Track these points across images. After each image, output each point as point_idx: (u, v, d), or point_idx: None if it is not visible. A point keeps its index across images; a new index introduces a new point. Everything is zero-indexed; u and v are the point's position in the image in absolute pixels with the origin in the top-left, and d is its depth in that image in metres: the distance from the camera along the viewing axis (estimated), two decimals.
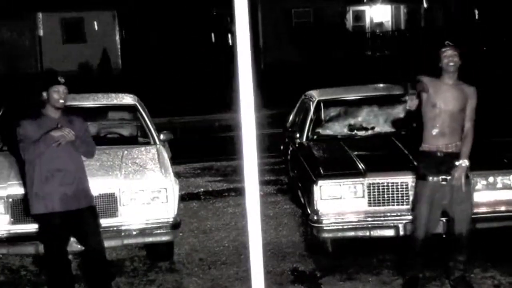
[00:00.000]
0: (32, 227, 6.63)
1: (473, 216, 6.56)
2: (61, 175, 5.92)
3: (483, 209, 6.81)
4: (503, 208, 6.84)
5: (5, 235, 6.68)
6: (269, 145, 11.57)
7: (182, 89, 24.04)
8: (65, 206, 5.93)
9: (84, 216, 6.04)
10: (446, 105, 5.95)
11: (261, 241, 3.66)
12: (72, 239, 6.25)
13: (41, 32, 28.93)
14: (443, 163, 5.99)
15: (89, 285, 6.37)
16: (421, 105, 6.04)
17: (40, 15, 28.67)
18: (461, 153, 6.00)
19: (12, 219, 6.69)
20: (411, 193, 6.64)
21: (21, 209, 6.68)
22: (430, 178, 6.01)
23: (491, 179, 6.84)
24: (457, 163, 5.98)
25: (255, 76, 3.64)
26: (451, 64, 5.94)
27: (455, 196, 6.01)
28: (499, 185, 6.85)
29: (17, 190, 6.70)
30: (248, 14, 3.51)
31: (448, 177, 5.97)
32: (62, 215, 5.93)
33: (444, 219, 6.44)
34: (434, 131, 6.01)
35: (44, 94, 5.95)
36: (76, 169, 6.01)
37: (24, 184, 6.30)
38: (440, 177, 5.99)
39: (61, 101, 5.93)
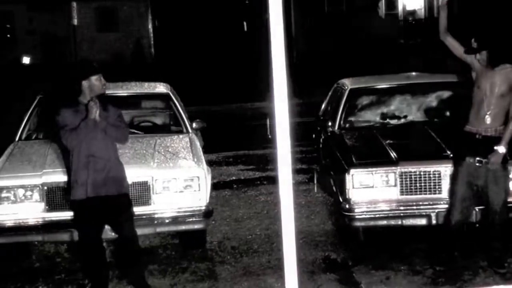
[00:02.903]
0: (66, 215, 6.66)
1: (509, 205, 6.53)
2: (94, 161, 5.94)
3: None
4: None
5: (40, 222, 6.74)
6: (301, 134, 11.55)
7: (215, 77, 24.06)
8: (97, 192, 5.95)
9: (117, 203, 6.08)
10: (489, 89, 6.10)
11: (294, 229, 3.65)
12: (106, 226, 6.29)
13: (75, 21, 29.13)
14: (481, 145, 6.13)
15: (121, 273, 6.41)
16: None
17: (74, 4, 28.90)
18: (502, 138, 6.08)
19: (47, 207, 6.75)
20: (443, 182, 6.63)
21: (56, 196, 6.76)
22: (467, 158, 6.16)
23: None
24: (495, 147, 6.06)
25: (287, 65, 3.63)
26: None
27: (490, 179, 6.14)
28: None
29: (52, 178, 6.78)
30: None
31: (484, 160, 6.09)
32: (95, 201, 5.96)
33: (478, 208, 6.42)
34: (476, 114, 6.16)
35: (84, 83, 5.93)
36: (108, 157, 6.02)
37: (65, 172, 6.46)
38: (476, 159, 6.11)
39: (101, 90, 5.98)
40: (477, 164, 6.13)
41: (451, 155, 6.61)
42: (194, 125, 8.37)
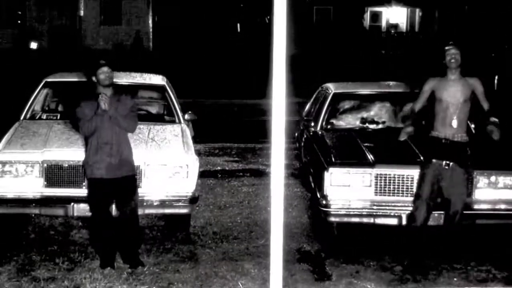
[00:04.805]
0: (63, 191, 6.76)
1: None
2: (108, 147, 6.15)
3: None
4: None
5: (38, 196, 6.75)
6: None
7: (207, 73, 23.99)
8: (111, 174, 6.16)
9: (125, 183, 6.24)
10: (452, 98, 6.24)
11: (282, 220, 3.65)
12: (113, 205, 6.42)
13: (81, 13, 29.04)
14: (448, 149, 6.22)
15: (119, 250, 6.41)
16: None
17: None
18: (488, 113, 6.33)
19: (45, 183, 6.77)
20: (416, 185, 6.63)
21: (54, 173, 6.77)
22: (434, 161, 6.24)
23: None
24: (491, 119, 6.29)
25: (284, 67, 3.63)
26: (453, 61, 6.25)
27: (455, 180, 6.22)
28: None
29: (52, 156, 6.80)
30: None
31: (451, 163, 6.19)
32: (108, 181, 6.17)
33: (437, 212, 6.46)
34: (443, 122, 6.26)
35: (93, 78, 6.20)
36: (120, 143, 6.21)
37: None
38: (444, 162, 6.21)
39: (107, 80, 6.18)
40: (445, 166, 6.20)
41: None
42: (186, 116, 8.40)
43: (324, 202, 6.81)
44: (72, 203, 6.68)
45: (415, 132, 6.45)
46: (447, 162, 6.21)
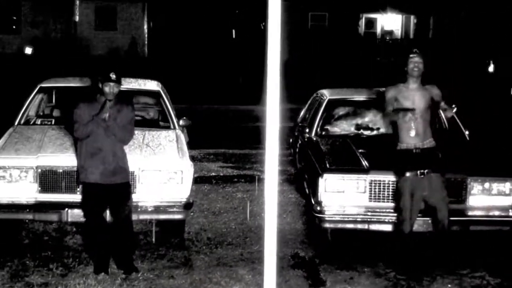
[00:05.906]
0: (57, 197, 6.76)
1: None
2: (103, 154, 6.15)
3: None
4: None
5: (32, 202, 6.75)
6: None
7: (202, 79, 24.02)
8: (105, 179, 6.16)
9: (119, 190, 6.24)
10: (415, 107, 6.16)
11: (276, 226, 3.66)
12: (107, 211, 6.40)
13: (76, 18, 29.09)
14: (420, 159, 6.19)
15: (113, 255, 6.39)
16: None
17: (77, 2, 28.93)
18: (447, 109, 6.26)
19: (39, 188, 6.76)
20: None
21: (48, 179, 6.76)
22: (408, 173, 6.19)
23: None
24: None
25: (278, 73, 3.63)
26: (416, 69, 6.23)
27: (433, 187, 6.19)
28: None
29: (46, 161, 6.80)
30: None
31: (426, 171, 6.15)
32: (102, 186, 6.17)
33: (424, 218, 6.46)
34: (410, 132, 6.20)
35: (99, 84, 6.16)
36: (115, 150, 6.21)
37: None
38: (419, 172, 6.17)
39: (111, 96, 6.15)
40: (420, 176, 6.17)
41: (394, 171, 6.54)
42: (181, 122, 8.42)
43: (318, 208, 6.81)
44: (66, 209, 6.67)
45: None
46: (422, 171, 6.17)
